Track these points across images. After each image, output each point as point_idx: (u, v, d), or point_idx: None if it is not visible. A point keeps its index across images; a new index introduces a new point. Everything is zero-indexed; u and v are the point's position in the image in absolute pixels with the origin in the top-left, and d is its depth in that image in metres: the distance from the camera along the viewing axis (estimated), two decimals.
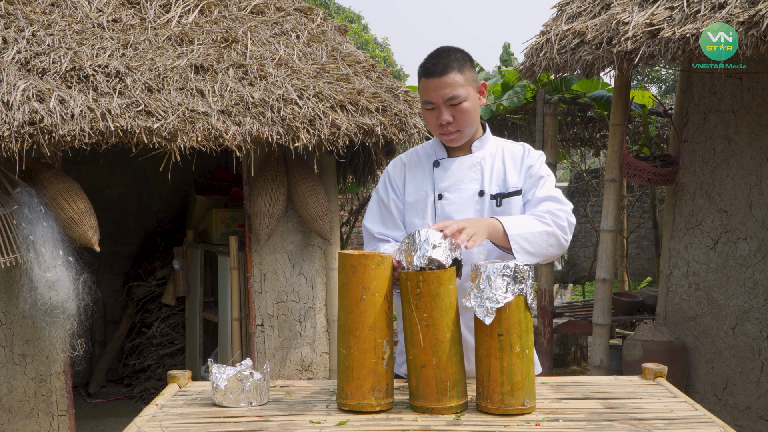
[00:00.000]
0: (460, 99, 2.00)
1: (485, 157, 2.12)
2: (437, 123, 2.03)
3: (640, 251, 11.12)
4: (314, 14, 5.05)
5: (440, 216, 2.09)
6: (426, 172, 2.14)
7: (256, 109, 3.81)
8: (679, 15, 3.53)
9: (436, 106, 2.02)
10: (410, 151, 2.23)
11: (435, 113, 2.03)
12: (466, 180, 2.10)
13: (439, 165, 2.13)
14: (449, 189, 2.10)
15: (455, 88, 1.99)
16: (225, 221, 4.88)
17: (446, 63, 1.99)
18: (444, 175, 2.11)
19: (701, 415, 1.65)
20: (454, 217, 2.06)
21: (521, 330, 1.64)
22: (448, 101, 2.00)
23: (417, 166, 2.17)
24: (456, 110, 2.01)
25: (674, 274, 4.56)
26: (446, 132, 2.05)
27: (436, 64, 1.99)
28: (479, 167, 2.11)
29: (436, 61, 2.00)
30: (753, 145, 4.13)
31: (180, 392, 1.91)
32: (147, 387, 5.37)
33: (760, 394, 4.07)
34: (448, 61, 2.00)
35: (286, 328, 4.31)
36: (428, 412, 1.66)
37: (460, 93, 2.00)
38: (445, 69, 1.98)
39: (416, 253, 1.68)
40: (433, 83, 1.99)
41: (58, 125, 3.30)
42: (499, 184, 2.09)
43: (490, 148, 2.15)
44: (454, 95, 1.99)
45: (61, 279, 3.45)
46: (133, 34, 4.24)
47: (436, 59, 2.01)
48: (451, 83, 1.99)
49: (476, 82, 2.06)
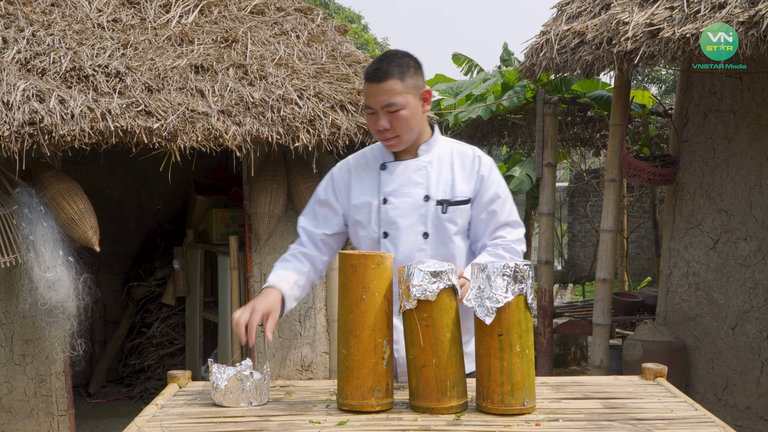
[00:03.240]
0: (397, 107, 1.98)
1: (432, 161, 2.10)
2: (376, 128, 2.03)
3: (640, 251, 11.12)
4: (314, 14, 5.05)
5: (384, 220, 2.07)
6: (373, 175, 2.12)
7: (256, 109, 3.81)
8: (679, 15, 3.53)
9: (374, 111, 2.01)
10: (359, 153, 2.20)
11: (374, 118, 2.02)
12: (411, 184, 2.07)
13: (385, 168, 2.11)
14: (394, 193, 2.08)
15: (392, 95, 1.97)
16: (225, 221, 4.88)
17: (387, 69, 1.97)
18: (389, 179, 2.09)
19: (701, 415, 1.65)
20: (398, 222, 2.05)
21: (521, 330, 1.64)
22: (385, 108, 1.98)
23: (364, 169, 2.15)
24: (393, 117, 2.00)
25: (674, 274, 4.56)
26: (384, 137, 2.04)
27: (377, 70, 1.98)
28: (425, 171, 2.08)
29: (377, 66, 1.99)
30: (753, 145, 4.13)
31: (180, 392, 1.91)
32: (147, 387, 5.37)
33: (760, 394, 4.07)
34: (389, 67, 1.98)
35: (286, 328, 4.31)
36: (428, 412, 1.66)
37: (398, 101, 1.98)
38: (385, 76, 1.97)
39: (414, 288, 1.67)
40: (372, 89, 1.98)
41: (58, 125, 3.30)
42: (445, 190, 2.07)
43: (439, 151, 2.12)
44: (390, 102, 1.98)
45: (61, 279, 3.45)
46: (133, 34, 4.24)
47: (378, 65, 1.99)
48: (389, 90, 1.97)
49: (419, 89, 2.04)
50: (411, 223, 2.05)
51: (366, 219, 2.09)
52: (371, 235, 2.09)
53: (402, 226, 2.05)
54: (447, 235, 2.06)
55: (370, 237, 2.09)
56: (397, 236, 2.05)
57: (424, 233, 2.05)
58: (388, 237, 2.06)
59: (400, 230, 2.05)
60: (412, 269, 1.66)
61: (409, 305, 1.65)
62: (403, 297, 1.67)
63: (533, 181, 7.07)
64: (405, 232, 2.05)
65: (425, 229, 2.05)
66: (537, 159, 5.21)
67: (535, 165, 5.37)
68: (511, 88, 6.32)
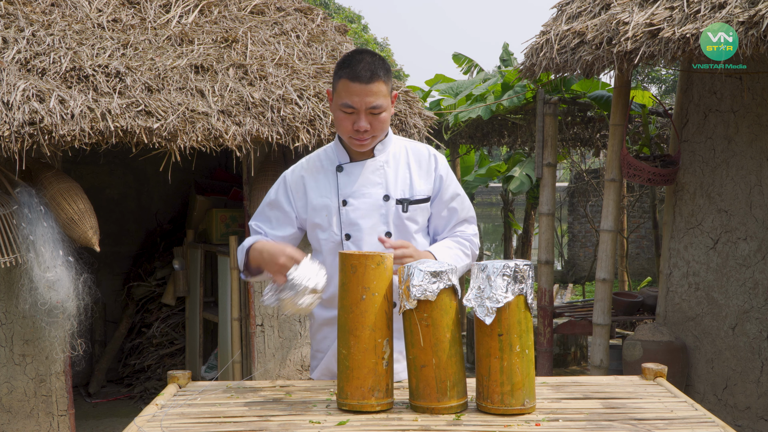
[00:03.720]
0: (381, 109, 1.98)
1: (389, 161, 2.10)
2: (353, 128, 1.98)
3: (640, 251, 11.12)
4: (314, 14, 5.05)
5: (345, 222, 2.06)
6: (329, 178, 2.10)
7: (256, 109, 3.81)
8: (679, 15, 3.53)
9: (355, 111, 1.97)
10: (310, 156, 2.17)
11: (352, 118, 1.98)
12: (370, 185, 2.07)
13: (342, 170, 2.09)
14: (353, 195, 2.06)
15: (379, 97, 1.96)
16: (225, 221, 4.88)
17: (374, 70, 1.94)
18: (347, 180, 2.08)
19: (701, 415, 1.65)
20: (359, 223, 2.04)
21: (521, 330, 1.64)
22: (370, 109, 1.96)
23: (319, 171, 2.12)
24: (375, 119, 1.98)
25: (674, 274, 4.56)
26: (360, 138, 2.01)
27: (365, 69, 1.94)
28: (383, 171, 2.08)
29: (365, 66, 1.94)
30: (753, 145, 4.13)
31: (180, 392, 1.91)
32: (147, 387, 5.37)
33: (760, 394, 4.07)
34: (375, 68, 1.95)
35: (286, 328, 4.31)
36: (428, 412, 1.66)
37: (383, 103, 1.97)
38: (373, 77, 1.94)
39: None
40: (358, 88, 1.94)
41: (58, 125, 3.30)
42: (404, 189, 2.07)
43: (393, 149, 2.12)
44: (377, 104, 1.96)
45: (61, 279, 3.45)
46: (133, 34, 4.24)
47: (364, 64, 1.95)
48: (377, 92, 1.95)
49: (392, 92, 2.04)
50: (373, 223, 2.05)
51: (326, 222, 2.07)
52: (333, 237, 2.07)
53: (364, 227, 2.05)
54: (409, 234, 2.07)
55: (332, 240, 2.07)
56: (360, 237, 2.05)
57: (386, 233, 2.05)
58: (351, 239, 2.05)
59: (363, 231, 2.04)
60: (412, 269, 1.66)
61: (409, 305, 1.65)
62: (403, 297, 1.67)
63: (533, 181, 7.07)
64: (368, 233, 2.04)
65: (387, 229, 2.06)
66: (537, 159, 5.21)
67: (535, 165, 5.37)
68: (511, 88, 6.32)
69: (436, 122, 5.88)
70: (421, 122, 4.22)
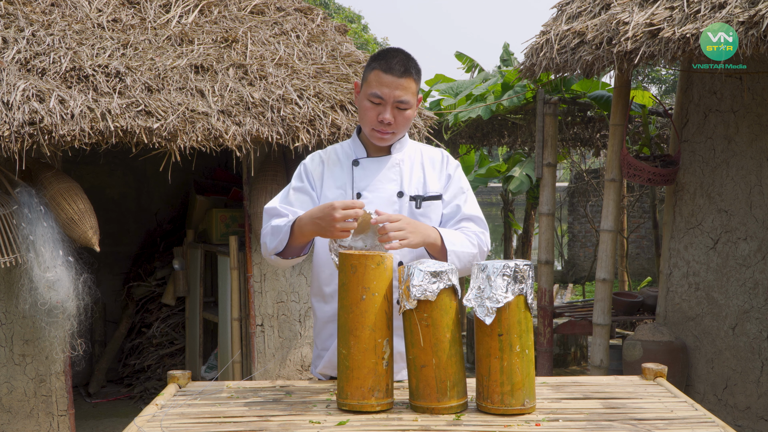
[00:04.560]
0: (407, 105, 2.02)
1: (404, 159, 2.14)
2: (377, 119, 2.03)
3: (640, 251, 11.12)
4: (314, 14, 5.05)
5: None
6: (345, 171, 2.13)
7: (256, 109, 3.81)
8: (679, 15, 3.53)
9: (383, 102, 2.01)
10: (328, 149, 2.21)
11: (378, 109, 2.02)
12: (385, 180, 2.10)
13: (358, 164, 2.13)
14: (368, 188, 2.09)
15: (408, 93, 2.01)
16: (225, 221, 4.88)
17: (408, 66, 2.01)
18: (363, 174, 2.11)
19: (701, 415, 1.65)
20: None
21: (521, 330, 1.64)
22: (397, 103, 2.01)
23: (335, 164, 2.15)
24: (400, 114, 2.03)
25: (674, 274, 4.56)
26: (382, 130, 2.04)
27: (400, 63, 2.00)
28: (398, 168, 2.12)
29: (399, 60, 2.00)
30: (753, 145, 4.13)
31: (180, 392, 1.91)
32: (147, 387, 5.37)
33: (760, 394, 4.07)
34: (409, 65, 2.01)
35: (286, 328, 4.31)
36: (428, 412, 1.66)
37: (410, 100, 2.02)
38: (406, 72, 2.00)
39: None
40: (390, 80, 1.99)
41: (58, 125, 3.30)
42: (418, 187, 2.11)
43: (409, 151, 2.17)
44: (404, 99, 2.01)
45: (61, 279, 3.45)
46: (133, 34, 4.24)
47: (399, 58, 2.01)
48: (406, 87, 2.01)
49: (418, 94, 2.09)
50: None
51: None
52: None
53: None
54: None
55: None
56: None
57: None
58: None
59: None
60: (412, 269, 1.66)
61: (409, 305, 1.65)
62: (403, 297, 1.67)
63: (533, 181, 7.07)
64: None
65: None
66: (537, 159, 5.21)
67: (535, 165, 5.37)
68: (511, 88, 6.32)
69: (436, 122, 5.88)
70: (421, 122, 4.21)
